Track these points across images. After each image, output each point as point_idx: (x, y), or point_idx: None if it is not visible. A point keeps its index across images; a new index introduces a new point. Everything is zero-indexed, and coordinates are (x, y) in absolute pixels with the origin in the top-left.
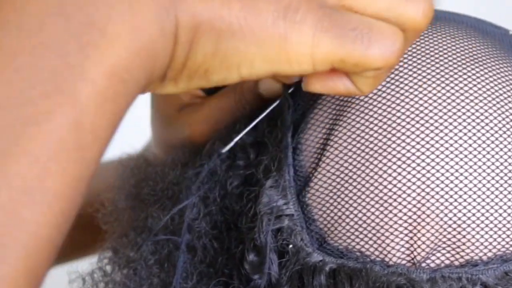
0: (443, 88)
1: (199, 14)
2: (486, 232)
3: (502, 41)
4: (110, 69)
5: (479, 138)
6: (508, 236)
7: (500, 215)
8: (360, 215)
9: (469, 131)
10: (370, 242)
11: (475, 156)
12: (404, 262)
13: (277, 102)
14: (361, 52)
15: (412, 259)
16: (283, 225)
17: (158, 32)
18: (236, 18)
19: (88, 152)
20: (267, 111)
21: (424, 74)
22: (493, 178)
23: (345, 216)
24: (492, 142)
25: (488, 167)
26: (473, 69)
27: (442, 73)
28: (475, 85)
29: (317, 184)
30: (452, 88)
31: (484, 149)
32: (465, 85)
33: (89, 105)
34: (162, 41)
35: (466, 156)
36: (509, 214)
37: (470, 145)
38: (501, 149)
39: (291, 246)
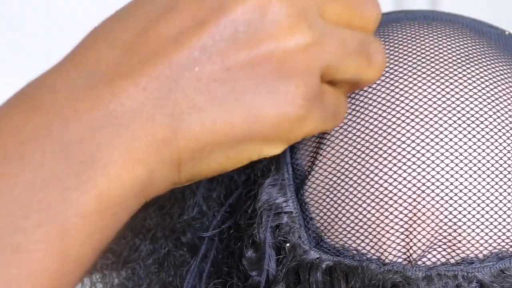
0: (438, 87)
1: (203, 137)
2: (482, 230)
3: (498, 41)
4: (104, 205)
5: (474, 136)
6: (504, 234)
7: (496, 213)
8: (356, 213)
9: (464, 129)
10: (366, 240)
11: (470, 154)
12: (400, 260)
13: None
14: (330, 125)
15: (408, 257)
16: (282, 222)
17: (156, 164)
18: (241, 129)
19: (69, 277)
20: None
21: (419, 73)
22: (488, 176)
23: (341, 214)
24: (487, 140)
25: (484, 165)
26: (468, 68)
27: (438, 72)
28: (470, 84)
29: (314, 183)
30: (447, 87)
31: (479, 147)
32: (460, 84)
33: (77, 237)
34: (161, 169)
35: (461, 154)
36: (504, 212)
37: (465, 143)
38: (496, 147)
39: (288, 244)
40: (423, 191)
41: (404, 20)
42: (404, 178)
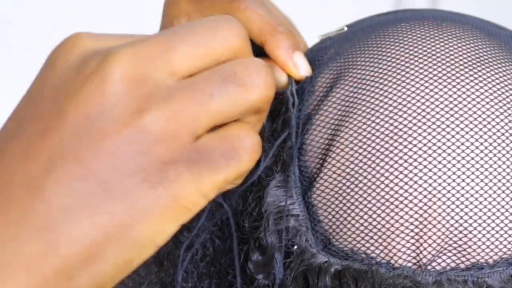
0: (449, 90)
1: (86, 237)
2: (492, 235)
3: (508, 43)
4: None
5: (485, 140)
6: None
7: (507, 218)
8: (365, 216)
9: (476, 133)
10: (376, 244)
11: (481, 158)
12: (410, 264)
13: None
14: (236, 168)
15: (418, 261)
16: (289, 225)
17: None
18: (123, 218)
19: None
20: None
21: (430, 75)
22: (499, 181)
23: (351, 217)
24: (499, 144)
25: (495, 169)
26: (479, 70)
27: (449, 75)
28: (481, 87)
29: (322, 185)
30: (459, 90)
31: (490, 151)
32: (472, 86)
33: None
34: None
35: (472, 158)
36: None
37: (477, 148)
38: (508, 152)
39: (295, 247)
40: (434, 195)
41: (412, 20)
42: (415, 182)
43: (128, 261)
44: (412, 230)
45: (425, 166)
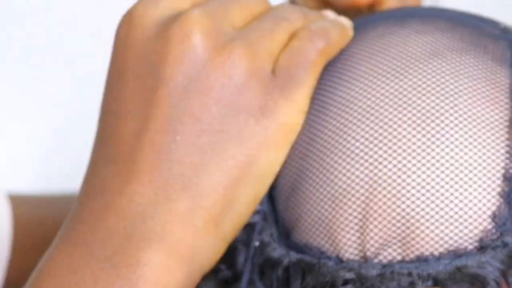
0: (396, 84)
1: (220, 184)
2: (437, 227)
3: (480, 34)
4: None
5: (428, 132)
6: (460, 231)
7: (451, 209)
8: (315, 211)
9: (418, 125)
10: (325, 238)
11: (423, 150)
12: (357, 258)
13: None
14: (313, 69)
15: (364, 254)
16: (254, 221)
17: (192, 234)
18: (247, 154)
19: None
20: None
21: (380, 71)
22: (442, 172)
23: (303, 212)
24: (443, 135)
25: (438, 161)
26: (430, 63)
27: (398, 69)
28: (429, 79)
29: (280, 182)
30: (405, 83)
31: (433, 143)
32: (419, 79)
33: None
34: (200, 237)
35: (414, 150)
36: (461, 208)
37: (419, 140)
38: (452, 142)
39: (257, 242)
40: (375, 189)
41: (379, 20)
42: (357, 176)
43: (257, 195)
44: (356, 224)
45: (366, 160)
